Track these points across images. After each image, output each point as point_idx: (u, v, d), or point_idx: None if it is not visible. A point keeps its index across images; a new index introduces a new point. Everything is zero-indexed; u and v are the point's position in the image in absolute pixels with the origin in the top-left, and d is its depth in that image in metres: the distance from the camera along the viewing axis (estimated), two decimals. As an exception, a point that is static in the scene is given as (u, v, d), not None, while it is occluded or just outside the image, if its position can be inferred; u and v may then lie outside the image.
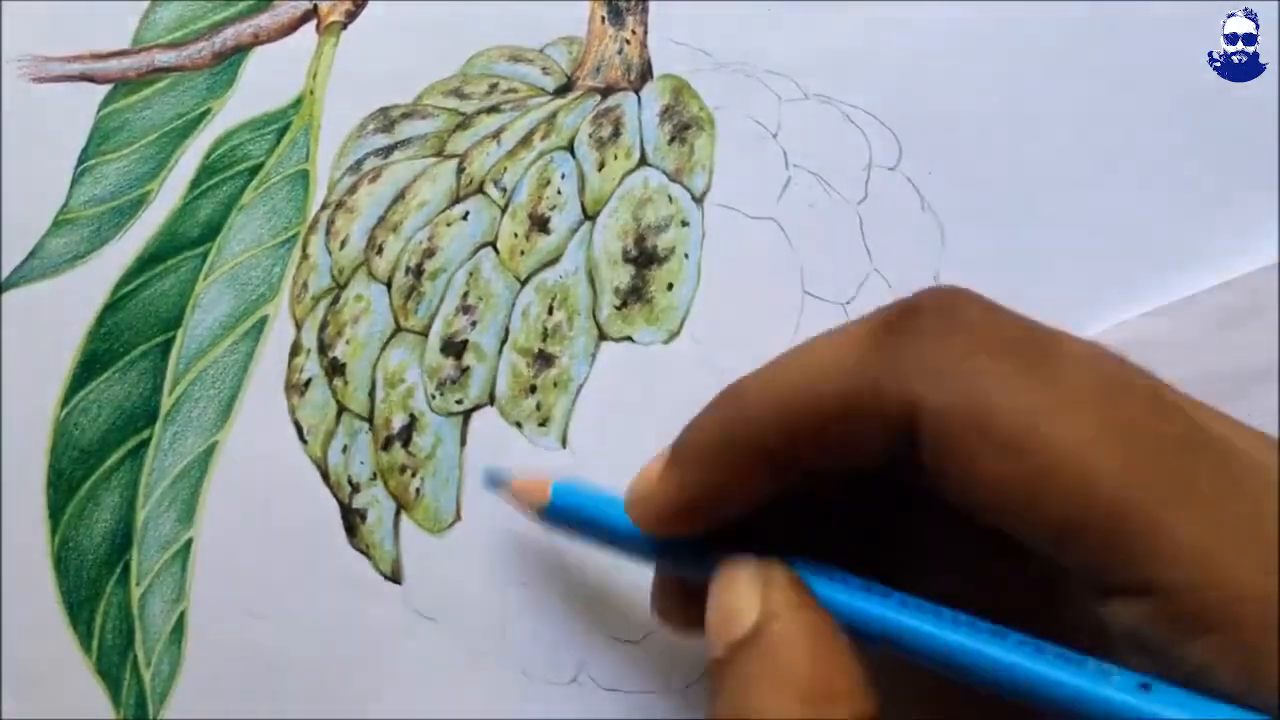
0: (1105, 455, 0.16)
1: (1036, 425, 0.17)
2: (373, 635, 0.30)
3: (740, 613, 0.19)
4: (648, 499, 0.21)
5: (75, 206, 0.31)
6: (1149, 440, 0.17)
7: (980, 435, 0.17)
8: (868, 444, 0.18)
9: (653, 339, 0.30)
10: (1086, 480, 0.16)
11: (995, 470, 0.17)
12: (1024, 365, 0.17)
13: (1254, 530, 0.16)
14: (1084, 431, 0.17)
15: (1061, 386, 0.17)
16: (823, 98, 0.30)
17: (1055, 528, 0.17)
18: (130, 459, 0.30)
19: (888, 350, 0.18)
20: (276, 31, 0.31)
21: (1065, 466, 0.16)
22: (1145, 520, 0.16)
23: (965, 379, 0.17)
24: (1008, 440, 0.17)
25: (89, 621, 0.30)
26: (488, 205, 0.31)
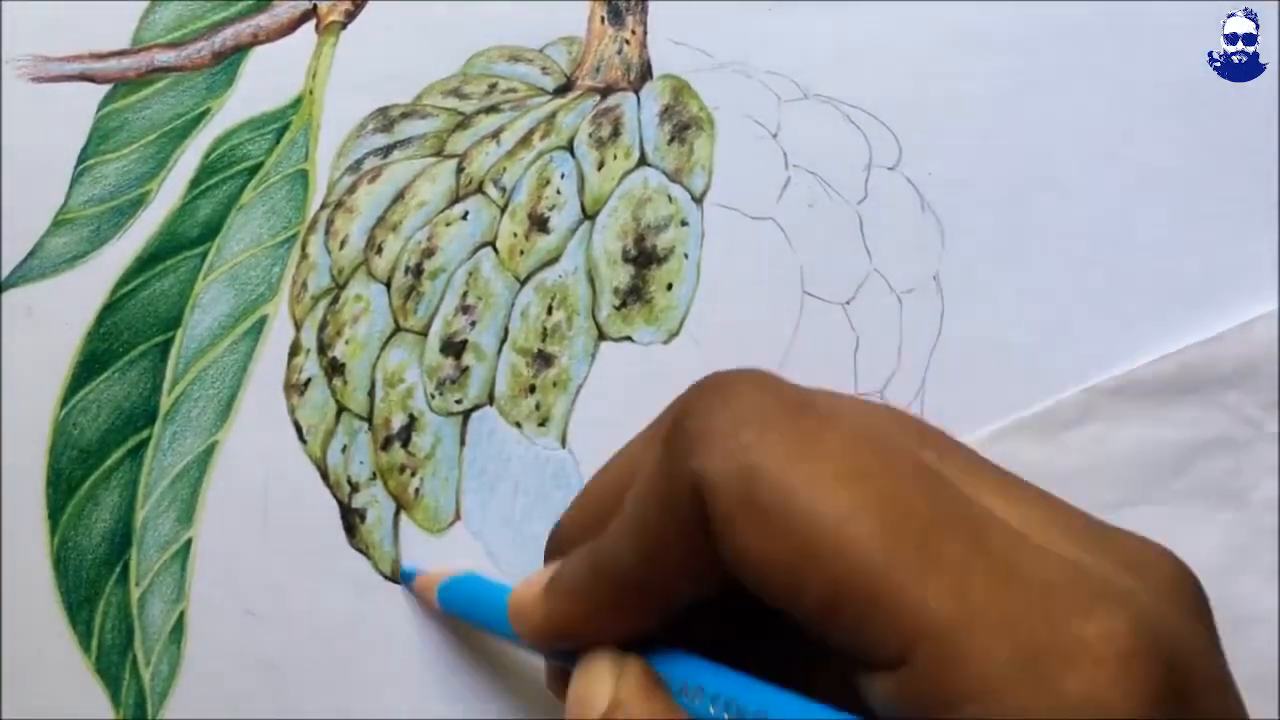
0: (860, 529, 0.16)
1: (797, 498, 0.17)
2: (372, 635, 0.30)
3: (594, 698, 0.20)
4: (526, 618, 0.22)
5: (74, 206, 0.31)
6: (902, 516, 0.17)
7: (746, 507, 0.17)
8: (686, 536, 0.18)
9: (652, 339, 0.30)
10: (841, 554, 0.16)
11: (760, 543, 0.17)
12: (791, 437, 0.18)
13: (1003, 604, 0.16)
14: (841, 506, 0.17)
15: (825, 459, 0.17)
16: (822, 98, 0.30)
17: (816, 603, 0.17)
18: (130, 459, 0.30)
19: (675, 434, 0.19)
20: (276, 31, 0.31)
21: (822, 540, 0.17)
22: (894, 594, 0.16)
23: (735, 452, 0.18)
24: (770, 512, 0.17)
25: (88, 621, 0.30)
26: (487, 205, 0.30)
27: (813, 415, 0.18)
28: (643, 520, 0.19)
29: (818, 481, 0.17)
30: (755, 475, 0.17)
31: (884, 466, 0.17)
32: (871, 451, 0.18)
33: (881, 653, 0.16)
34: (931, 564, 0.16)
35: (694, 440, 0.18)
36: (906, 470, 0.18)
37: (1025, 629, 0.16)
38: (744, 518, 0.17)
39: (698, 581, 0.19)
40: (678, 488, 0.18)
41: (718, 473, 0.18)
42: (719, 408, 0.18)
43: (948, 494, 0.17)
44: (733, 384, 0.19)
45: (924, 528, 0.17)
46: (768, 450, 0.17)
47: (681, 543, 0.18)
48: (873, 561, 0.16)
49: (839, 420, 0.18)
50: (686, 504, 0.18)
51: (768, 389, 0.19)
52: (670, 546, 0.19)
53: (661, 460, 0.19)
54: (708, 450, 0.18)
